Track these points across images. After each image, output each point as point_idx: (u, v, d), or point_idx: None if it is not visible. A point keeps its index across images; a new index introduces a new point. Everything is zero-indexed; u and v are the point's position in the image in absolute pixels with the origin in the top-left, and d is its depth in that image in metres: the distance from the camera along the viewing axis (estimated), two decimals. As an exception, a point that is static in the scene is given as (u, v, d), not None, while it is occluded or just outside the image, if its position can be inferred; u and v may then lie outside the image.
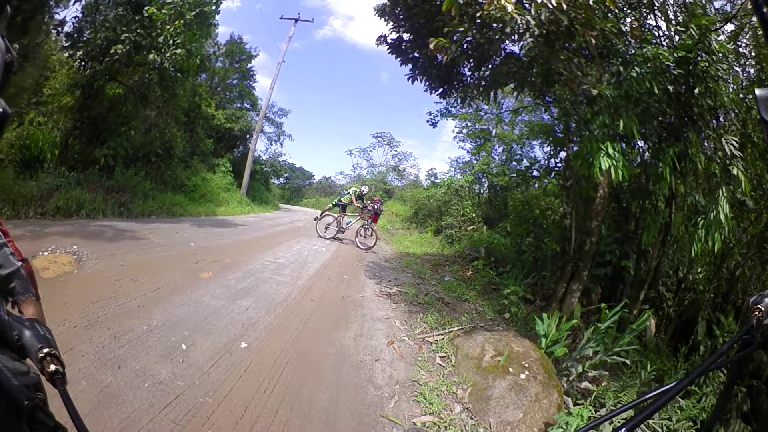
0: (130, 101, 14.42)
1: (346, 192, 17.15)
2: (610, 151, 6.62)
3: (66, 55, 13.11)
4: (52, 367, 0.94)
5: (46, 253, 6.37)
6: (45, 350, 0.95)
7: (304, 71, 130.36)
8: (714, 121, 7.76)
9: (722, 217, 6.57)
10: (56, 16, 13.01)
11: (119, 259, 6.95)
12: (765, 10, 0.97)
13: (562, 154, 11.13)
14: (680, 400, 4.94)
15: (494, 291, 10.19)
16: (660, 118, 7.49)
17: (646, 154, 8.61)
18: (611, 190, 9.16)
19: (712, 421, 2.65)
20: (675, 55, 6.78)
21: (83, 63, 12.54)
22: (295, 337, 5.16)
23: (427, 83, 9.88)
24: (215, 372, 3.90)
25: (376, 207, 16.96)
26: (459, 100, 10.67)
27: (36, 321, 1.05)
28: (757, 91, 0.95)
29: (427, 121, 19.08)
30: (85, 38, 12.81)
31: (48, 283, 5.31)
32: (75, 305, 4.67)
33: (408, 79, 9.55)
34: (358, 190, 16.59)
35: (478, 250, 13.45)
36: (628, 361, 5.59)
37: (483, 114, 23.93)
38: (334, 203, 19.10)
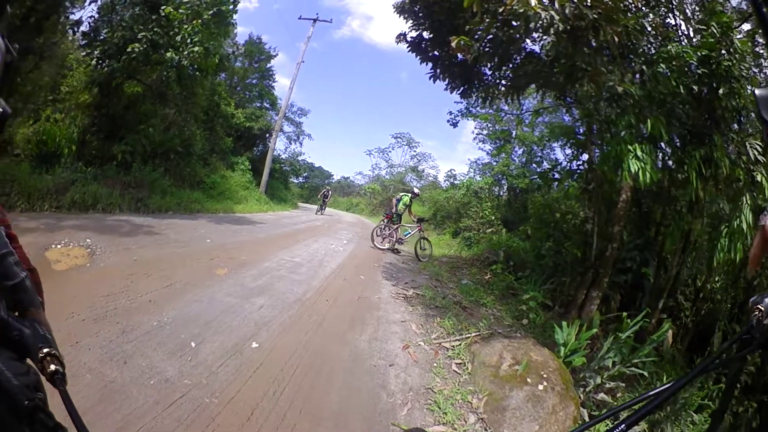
0: (148, 99, 14.58)
1: (398, 198, 15.66)
2: (639, 153, 6.45)
3: (83, 54, 13.26)
4: (52, 367, 0.92)
5: (59, 246, 6.37)
6: (45, 350, 0.94)
7: (323, 71, 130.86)
8: (736, 125, 7.55)
9: (744, 225, 6.35)
10: (72, 17, 13.26)
11: (133, 254, 6.93)
12: (765, 10, 0.96)
13: (584, 156, 11.00)
14: (693, 414, 4.83)
15: (512, 296, 10.01)
16: (684, 120, 7.30)
17: (669, 158, 8.37)
18: (633, 194, 8.91)
19: (715, 422, 2.63)
20: (698, 53, 6.58)
21: (101, 61, 12.63)
22: (308, 338, 5.05)
23: (448, 82, 9.74)
24: (224, 372, 3.80)
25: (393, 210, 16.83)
26: (480, 100, 10.54)
27: (36, 321, 1.02)
28: (758, 92, 0.95)
29: (448, 120, 19.03)
30: (102, 38, 12.92)
31: (59, 276, 5.31)
32: (84, 299, 4.63)
33: (429, 78, 9.41)
34: (409, 195, 15.35)
35: (497, 254, 13.25)
36: (645, 373, 5.44)
37: (503, 115, 23.70)
38: (386, 214, 18.42)
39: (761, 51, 7.95)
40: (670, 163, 8.28)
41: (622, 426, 0.83)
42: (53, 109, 12.64)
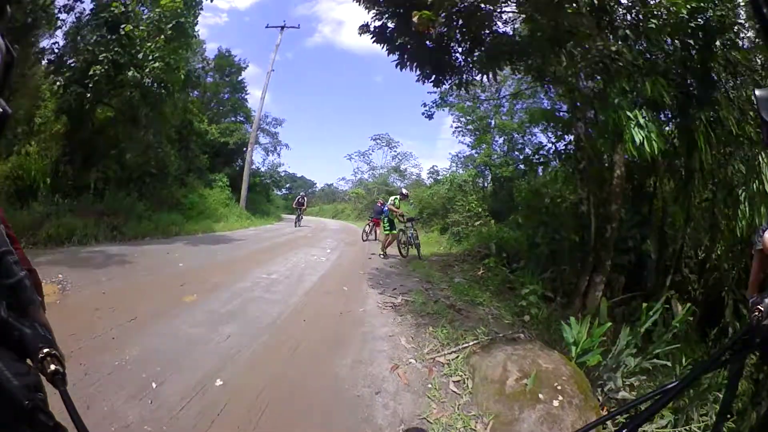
0: (120, 123, 14.34)
1: (384, 205, 14.99)
2: (641, 120, 5.84)
3: (50, 82, 12.87)
4: (53, 367, 0.92)
5: (32, 284, 5.77)
6: (45, 350, 0.94)
7: (298, 81, 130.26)
8: (734, 80, 7.00)
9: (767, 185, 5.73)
10: (43, 44, 13.17)
11: (103, 286, 6.66)
12: (765, 10, 0.87)
13: (570, 136, 10.40)
14: (719, 394, 4.25)
15: (510, 290, 9.41)
16: (680, 82, 6.74)
17: (670, 124, 7.79)
18: (628, 169, 8.38)
19: (719, 423, 2.36)
20: (689, 5, 5.99)
21: (67, 88, 12.36)
22: (280, 371, 4.37)
23: (419, 72, 9.30)
24: (185, 416, 3.37)
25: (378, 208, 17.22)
26: (454, 87, 10.05)
27: (36, 322, 1.03)
28: (758, 92, 0.91)
29: (423, 113, 18.30)
30: (68, 63, 12.84)
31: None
32: (51, 339, 4.02)
33: (396, 65, 8.88)
34: (397, 197, 14.42)
35: (489, 247, 12.59)
36: (669, 363, 4.83)
37: (480, 106, 23.36)
38: (372, 218, 18.86)
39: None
40: (668, 130, 7.67)
41: (630, 426, 0.83)
42: (26, 142, 12.47)
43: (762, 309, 0.94)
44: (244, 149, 29.51)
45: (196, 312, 5.89)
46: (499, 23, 9.08)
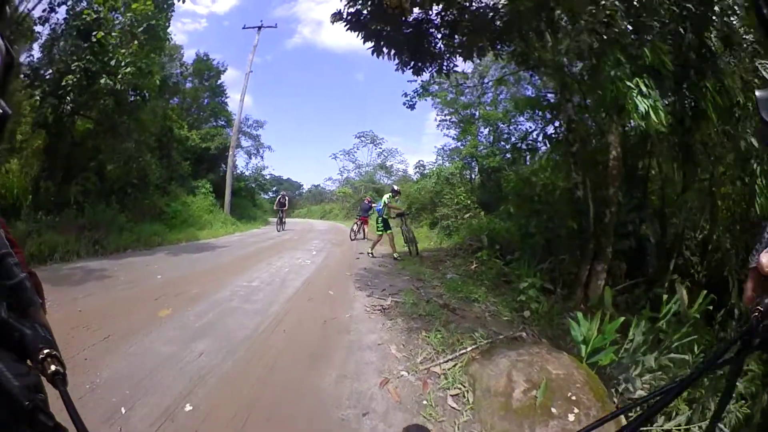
0: (99, 134, 14.04)
1: (378, 205, 14.09)
2: (643, 88, 5.39)
3: (27, 95, 12.43)
4: (53, 368, 0.87)
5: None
6: (45, 351, 0.89)
7: (279, 82, 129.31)
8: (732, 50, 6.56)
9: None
10: (21, 59, 12.57)
11: (79, 304, 6.24)
12: (765, 10, 0.84)
13: (557, 121, 10.04)
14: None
15: (506, 284, 8.97)
16: (676, 50, 6.29)
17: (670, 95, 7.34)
18: (623, 149, 7.98)
19: (713, 424, 2.48)
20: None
21: (42, 101, 12.13)
22: (255, 392, 3.84)
23: (396, 58, 8.88)
24: None
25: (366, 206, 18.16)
26: (435, 75, 9.62)
27: (37, 322, 0.98)
28: (758, 92, 0.86)
29: (404, 103, 17.77)
30: (43, 76, 12.57)
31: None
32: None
33: (372, 53, 8.41)
34: (390, 194, 13.77)
35: (480, 239, 12.10)
36: (687, 357, 4.35)
37: (463, 96, 23.08)
38: (360, 216, 19.22)
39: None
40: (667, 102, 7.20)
41: (631, 427, 0.83)
42: (8, 160, 12.17)
43: (762, 309, 0.91)
44: (227, 154, 28.86)
45: (170, 327, 5.41)
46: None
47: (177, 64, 27.79)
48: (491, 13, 8.32)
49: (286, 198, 25.05)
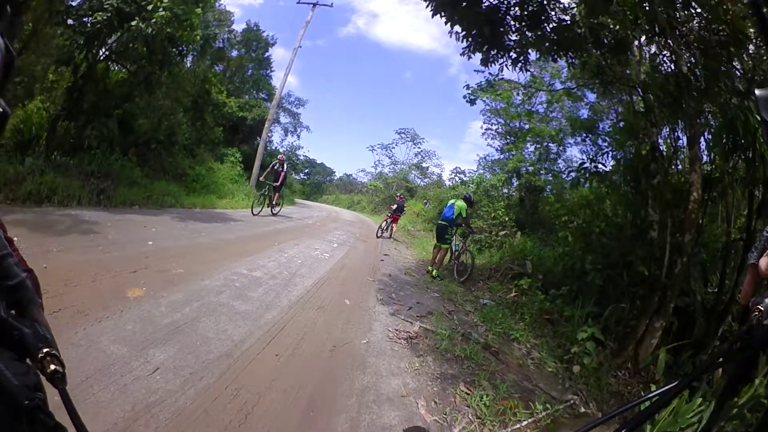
0: (134, 86, 13.52)
1: (451, 208, 11.77)
2: None
3: (58, 34, 11.67)
4: (52, 367, 0.88)
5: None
6: (45, 350, 0.90)
7: (326, 68, 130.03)
8: None
9: None
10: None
11: (49, 259, 5.29)
12: (765, 10, 0.88)
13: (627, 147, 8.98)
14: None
15: (548, 322, 7.74)
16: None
17: None
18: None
19: (712, 422, 2.44)
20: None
21: (68, 38, 11.54)
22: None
23: (469, 39, 8.01)
24: None
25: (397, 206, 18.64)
26: (508, 66, 8.64)
27: (36, 321, 0.99)
28: (758, 92, 0.87)
29: (464, 96, 17.96)
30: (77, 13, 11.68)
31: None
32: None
33: (446, 22, 7.68)
34: (463, 204, 11.69)
35: (523, 264, 10.71)
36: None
37: (513, 108, 22.34)
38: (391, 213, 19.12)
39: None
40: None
41: (629, 426, 0.83)
42: (43, 98, 11.85)
43: (762, 309, 0.92)
44: (263, 127, 27.86)
45: (132, 317, 4.13)
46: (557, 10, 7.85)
47: (225, 30, 27.31)
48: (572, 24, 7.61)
49: (284, 166, 16.89)
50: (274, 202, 17.05)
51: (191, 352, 3.72)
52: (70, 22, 11.58)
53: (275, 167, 16.51)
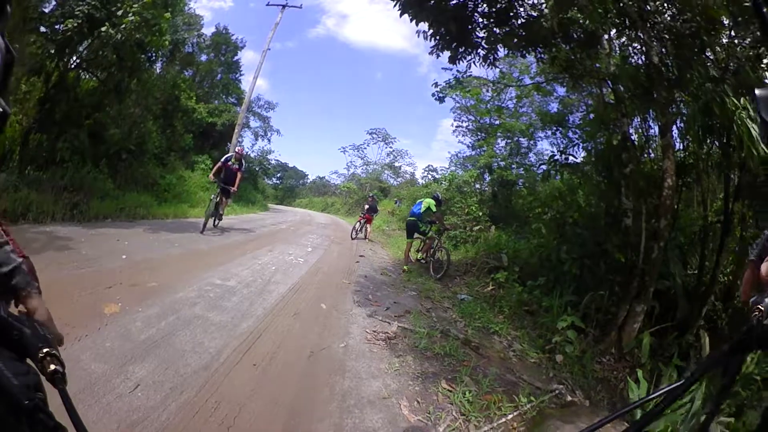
0: (104, 94, 13.35)
1: (419, 205, 11.96)
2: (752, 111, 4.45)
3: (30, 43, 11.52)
4: (52, 367, 0.89)
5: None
6: (45, 350, 0.91)
7: (296, 70, 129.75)
8: None
9: None
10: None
11: None
12: (765, 10, 0.88)
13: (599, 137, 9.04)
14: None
15: (527, 314, 7.76)
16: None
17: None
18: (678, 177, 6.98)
19: (708, 421, 2.46)
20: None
21: (40, 46, 11.44)
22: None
23: (436, 38, 8.04)
24: None
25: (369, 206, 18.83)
26: (475, 63, 8.71)
27: (36, 321, 1.02)
28: (757, 91, 0.90)
29: (433, 94, 17.58)
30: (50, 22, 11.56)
31: None
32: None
33: (411, 20, 7.56)
34: (431, 201, 11.79)
35: (499, 257, 10.72)
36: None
37: (483, 105, 22.45)
38: (363, 214, 18.75)
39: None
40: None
41: (635, 427, 0.85)
42: (15, 110, 11.39)
43: (762, 308, 0.99)
44: (234, 132, 27.61)
45: (110, 333, 4.01)
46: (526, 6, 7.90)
47: (195, 34, 26.95)
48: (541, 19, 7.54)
49: (242, 164, 13.06)
50: (221, 211, 12.94)
51: (169, 366, 3.61)
52: (42, 29, 11.42)
53: (228, 163, 12.46)
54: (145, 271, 6.45)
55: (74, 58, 12.24)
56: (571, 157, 9.65)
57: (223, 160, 12.45)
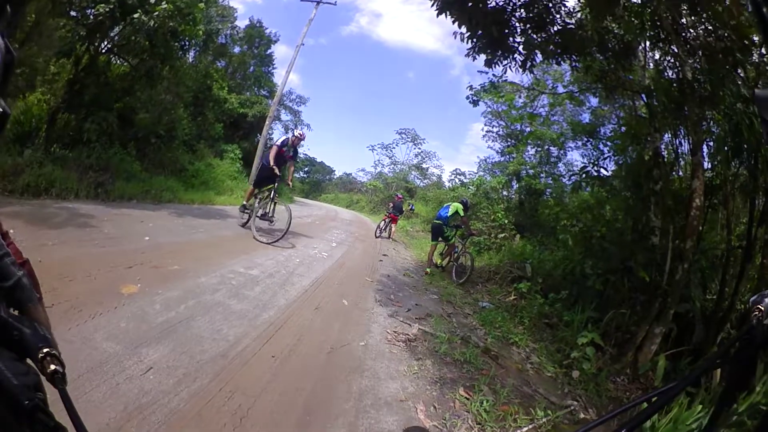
0: (136, 80, 13.44)
1: (446, 208, 11.90)
2: None
3: (61, 24, 11.64)
4: (52, 367, 0.88)
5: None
6: (45, 350, 0.90)
7: (328, 67, 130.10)
8: None
9: None
10: None
11: (43, 253, 5.06)
12: (765, 10, 0.84)
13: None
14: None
15: (547, 326, 7.67)
16: None
17: None
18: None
19: (711, 425, 1.71)
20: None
21: (70, 30, 11.47)
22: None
23: (474, 40, 7.95)
24: None
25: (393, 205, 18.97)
26: (512, 68, 8.63)
27: (36, 321, 0.99)
28: (758, 92, 0.85)
29: (467, 97, 18.14)
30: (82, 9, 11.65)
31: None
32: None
33: (451, 19, 7.46)
34: (459, 205, 11.56)
35: (523, 267, 10.65)
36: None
37: (514, 111, 22.08)
38: (389, 213, 19.00)
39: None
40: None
41: (629, 426, 0.81)
42: (36, 89, 11.95)
43: (762, 308, 0.92)
44: (264, 124, 27.80)
45: (126, 314, 4.02)
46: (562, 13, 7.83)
47: (228, 26, 27.45)
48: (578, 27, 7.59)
49: (296, 149, 10.70)
50: (269, 212, 10.34)
51: (185, 351, 3.62)
52: (72, 13, 11.49)
53: (284, 149, 10.29)
54: (167, 254, 6.48)
55: (105, 42, 12.38)
56: (601, 170, 9.51)
57: (279, 143, 10.32)
